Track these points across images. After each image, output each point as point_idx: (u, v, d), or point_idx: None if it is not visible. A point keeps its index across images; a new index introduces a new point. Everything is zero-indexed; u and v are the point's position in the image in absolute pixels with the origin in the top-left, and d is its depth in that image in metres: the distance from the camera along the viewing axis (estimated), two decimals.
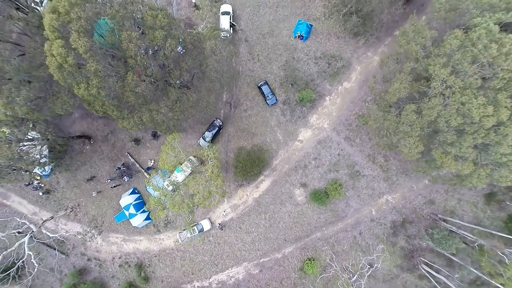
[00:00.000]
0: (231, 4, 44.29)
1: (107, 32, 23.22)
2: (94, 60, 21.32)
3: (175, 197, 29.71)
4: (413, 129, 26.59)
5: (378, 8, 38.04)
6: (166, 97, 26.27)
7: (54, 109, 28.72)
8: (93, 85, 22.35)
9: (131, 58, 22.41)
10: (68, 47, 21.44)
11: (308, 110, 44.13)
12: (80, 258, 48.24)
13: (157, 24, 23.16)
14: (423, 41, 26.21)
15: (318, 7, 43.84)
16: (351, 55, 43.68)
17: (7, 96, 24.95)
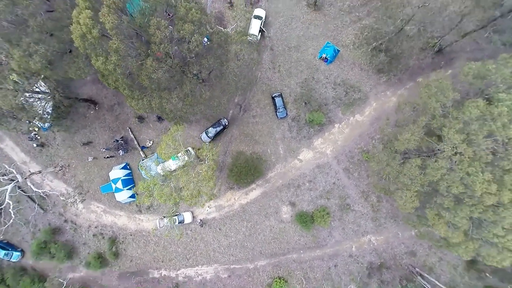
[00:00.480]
0: (266, 10, 44.17)
1: (138, 13, 23.12)
2: (118, 38, 21.26)
3: (164, 188, 29.67)
4: (413, 183, 26.49)
5: (408, 52, 37.88)
6: (180, 88, 26.20)
7: (68, 72, 28.63)
8: (111, 61, 22.31)
9: (154, 44, 22.34)
10: (96, 20, 21.38)
11: (315, 132, 44.00)
12: (57, 217, 48.29)
13: (188, 17, 23.07)
14: (444, 100, 26.06)
15: (350, 34, 43.67)
16: (369, 90, 43.52)
17: (25, 50, 24.87)
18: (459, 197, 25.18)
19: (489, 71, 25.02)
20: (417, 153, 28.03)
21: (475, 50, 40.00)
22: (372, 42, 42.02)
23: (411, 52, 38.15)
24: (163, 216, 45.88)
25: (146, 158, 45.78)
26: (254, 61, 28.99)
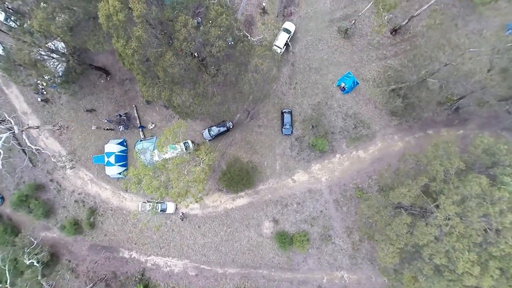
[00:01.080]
0: (296, 25, 43.85)
1: (168, 6, 22.89)
2: (143, 27, 21.07)
3: (153, 181, 29.57)
4: (399, 240, 26.29)
5: (425, 103, 37.60)
6: (193, 86, 26.04)
7: (87, 42, 28.45)
8: (131, 46, 22.14)
9: (177, 40, 22.15)
10: (125, 3, 21.18)
11: (315, 157, 43.83)
12: (44, 175, 48.37)
13: (217, 21, 22.86)
14: (449, 166, 25.82)
15: (372, 70, 43.38)
16: (378, 130, 43.27)
17: (49, 13, 24.63)
18: (440, 268, 24.97)
19: (500, 150, 24.79)
20: (410, 209, 27.83)
21: (491, 118, 39.66)
22: (392, 84, 41.73)
23: (428, 103, 37.85)
24: (146, 200, 45.86)
25: (144, 140, 45.69)
26: (272, 77, 28.74)
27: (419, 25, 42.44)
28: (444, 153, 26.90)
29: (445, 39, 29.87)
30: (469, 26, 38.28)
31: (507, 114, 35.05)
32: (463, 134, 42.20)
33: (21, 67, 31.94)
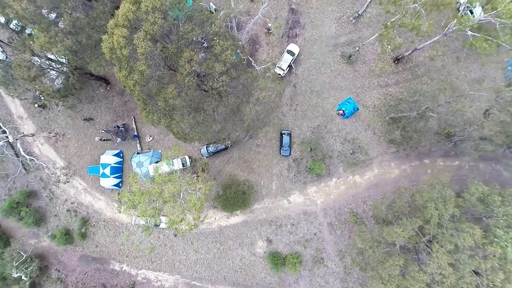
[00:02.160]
0: (300, 47, 43.95)
1: (174, 41, 22.66)
2: (146, 63, 20.86)
3: (148, 208, 29.33)
4: (390, 281, 26.59)
5: (422, 133, 38.05)
6: (193, 114, 25.92)
7: (88, 64, 28.03)
8: (133, 77, 21.91)
9: (181, 74, 22.00)
10: (130, 40, 20.92)
11: (312, 179, 44.02)
12: (37, 182, 47.64)
13: (222, 56, 22.77)
14: (444, 211, 26.22)
15: (373, 97, 43.73)
16: (376, 156, 43.65)
17: (51, 37, 24.17)
18: None
19: (494, 201, 25.23)
20: (404, 248, 28.14)
21: (489, 153, 40.28)
22: (392, 112, 42.17)
23: (426, 136, 38.31)
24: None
25: (141, 153, 45.33)
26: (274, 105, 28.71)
27: (421, 55, 42.88)
28: (440, 195, 27.26)
29: (447, 82, 30.25)
30: (471, 75, 38.91)
31: (503, 158, 35.59)
32: (459, 166, 42.88)
33: (19, 81, 31.39)
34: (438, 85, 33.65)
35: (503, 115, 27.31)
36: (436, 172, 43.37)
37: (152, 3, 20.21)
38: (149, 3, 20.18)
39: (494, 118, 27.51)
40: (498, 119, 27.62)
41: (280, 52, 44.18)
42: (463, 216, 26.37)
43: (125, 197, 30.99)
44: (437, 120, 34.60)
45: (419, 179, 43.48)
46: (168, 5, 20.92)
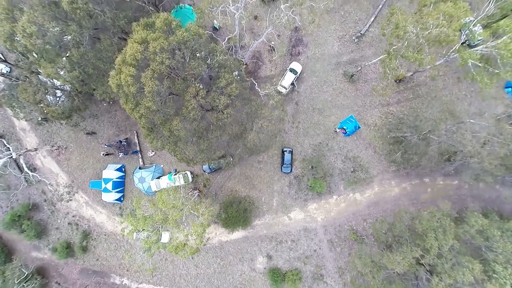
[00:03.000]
0: (303, 65, 44.30)
1: (180, 77, 22.95)
2: (153, 99, 21.13)
3: (152, 237, 29.63)
4: None
5: (423, 156, 38.40)
6: (196, 143, 26.23)
7: (94, 90, 28.26)
8: (139, 111, 22.19)
9: (186, 108, 22.29)
10: (137, 78, 21.14)
11: (312, 196, 44.34)
12: (38, 194, 47.84)
13: (227, 89, 23.07)
14: (443, 242, 26.49)
15: (374, 116, 44.08)
16: (376, 174, 44.00)
17: (58, 68, 24.26)
18: None
19: (493, 235, 25.56)
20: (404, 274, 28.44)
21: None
22: (393, 131, 42.53)
23: (426, 156, 38.64)
24: (142, 228, 45.66)
25: (143, 168, 45.53)
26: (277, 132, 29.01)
27: (423, 75, 43.27)
28: (439, 225, 27.57)
29: (448, 105, 30.65)
30: (472, 107, 39.42)
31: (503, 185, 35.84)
32: (458, 185, 43.28)
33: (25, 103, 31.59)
34: (439, 107, 34.01)
35: (504, 149, 27.69)
36: (436, 191, 43.79)
37: (160, 45, 20.49)
38: (157, 44, 20.46)
39: (494, 152, 27.89)
40: (498, 154, 28.00)
41: (282, 70, 44.51)
42: (463, 246, 26.69)
43: (129, 221, 31.21)
44: (438, 144, 34.95)
45: (419, 197, 43.89)
46: (176, 44, 21.19)
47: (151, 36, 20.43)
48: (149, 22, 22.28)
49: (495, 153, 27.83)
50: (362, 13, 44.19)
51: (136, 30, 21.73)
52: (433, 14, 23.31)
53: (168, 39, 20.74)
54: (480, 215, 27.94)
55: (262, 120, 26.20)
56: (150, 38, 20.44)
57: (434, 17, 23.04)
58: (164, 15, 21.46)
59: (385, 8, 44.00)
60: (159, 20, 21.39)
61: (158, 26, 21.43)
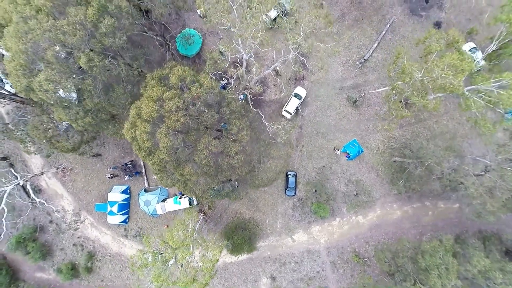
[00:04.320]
0: (307, 89, 44.87)
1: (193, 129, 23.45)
2: (167, 153, 21.58)
3: (161, 274, 30.14)
4: None
5: (425, 183, 39.23)
6: (205, 182, 26.73)
7: (105, 130, 28.63)
8: (152, 159, 22.64)
9: (198, 157, 22.77)
10: (152, 134, 21.57)
11: (316, 219, 45.04)
12: (44, 215, 48.04)
13: (238, 136, 23.58)
14: (446, 282, 27.16)
15: (377, 140, 44.82)
16: (379, 197, 44.77)
17: (71, 115, 24.36)
18: None
19: (495, 278, 26.34)
20: None
21: None
22: (396, 155, 43.36)
23: (428, 184, 39.49)
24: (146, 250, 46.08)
25: (148, 191, 45.90)
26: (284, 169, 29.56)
27: None
28: (442, 262, 28.30)
29: (451, 150, 31.37)
30: (472, 148, 40.23)
31: None
32: (459, 208, 44.13)
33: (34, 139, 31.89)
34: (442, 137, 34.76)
35: (506, 194, 28.53)
36: (437, 214, 44.70)
37: (175, 104, 20.93)
38: (172, 104, 20.89)
39: (497, 196, 28.77)
40: (500, 198, 28.84)
41: (287, 94, 45.03)
42: (466, 284, 27.48)
43: (139, 258, 31.68)
44: (440, 178, 35.81)
45: (420, 220, 44.77)
46: (190, 101, 21.66)
47: (166, 95, 20.90)
48: (163, 74, 22.74)
49: (498, 197, 28.67)
50: (366, 39, 44.85)
51: (150, 83, 22.16)
52: (439, 64, 23.97)
53: (182, 96, 21.21)
54: (482, 255, 28.69)
55: (271, 160, 26.79)
56: (165, 97, 20.91)
57: (440, 67, 23.72)
58: (179, 71, 21.91)
59: (388, 34, 44.74)
60: (174, 77, 21.86)
61: (173, 82, 21.89)
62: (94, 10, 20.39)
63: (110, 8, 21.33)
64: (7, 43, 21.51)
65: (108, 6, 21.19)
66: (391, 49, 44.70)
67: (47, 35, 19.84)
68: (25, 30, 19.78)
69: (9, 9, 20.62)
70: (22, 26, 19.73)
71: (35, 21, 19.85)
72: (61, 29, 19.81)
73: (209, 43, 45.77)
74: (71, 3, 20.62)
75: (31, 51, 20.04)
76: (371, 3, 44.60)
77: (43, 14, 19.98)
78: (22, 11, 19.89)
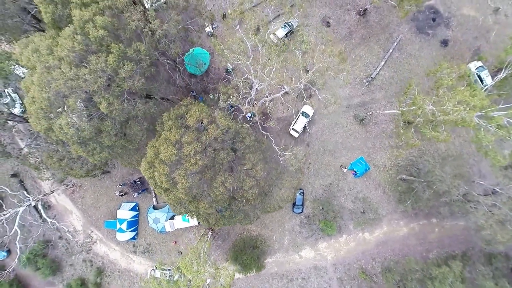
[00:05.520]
0: (314, 108, 45.10)
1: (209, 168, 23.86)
2: (185, 192, 21.93)
3: None
4: None
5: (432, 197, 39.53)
6: (218, 211, 27.16)
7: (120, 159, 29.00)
8: (169, 195, 23.07)
9: (214, 193, 23.16)
10: (170, 177, 21.90)
11: (323, 236, 45.45)
12: (53, 231, 48.52)
13: (252, 172, 23.92)
14: None
15: (384, 157, 45.10)
16: (385, 214, 45.13)
17: (88, 151, 24.59)
18: None
19: None
20: None
21: None
22: (402, 173, 43.70)
23: (436, 202, 39.83)
24: (155, 267, 46.63)
25: (156, 209, 46.30)
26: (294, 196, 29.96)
27: None
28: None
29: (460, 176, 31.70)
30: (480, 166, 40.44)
31: None
32: (465, 226, 44.43)
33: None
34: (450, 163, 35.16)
35: None
36: (443, 231, 45.06)
37: (194, 149, 21.29)
38: (191, 148, 21.25)
39: (508, 228, 29.11)
40: (511, 231, 29.20)
41: (295, 112, 45.25)
42: None
43: (152, 285, 32.21)
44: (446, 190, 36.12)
45: (426, 237, 45.13)
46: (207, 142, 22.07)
47: (185, 139, 21.23)
48: (179, 113, 23.08)
49: (508, 230, 29.00)
50: (373, 57, 45.02)
51: (167, 123, 22.52)
52: (451, 100, 24.23)
53: (200, 139, 21.56)
54: (492, 285, 29.09)
55: (284, 189, 27.19)
56: (184, 141, 21.24)
57: (452, 103, 23.99)
58: (196, 112, 22.16)
59: (395, 52, 44.90)
60: (192, 119, 22.19)
61: (190, 124, 22.24)
62: (114, 57, 20.70)
63: (129, 52, 21.67)
64: (29, 89, 21.57)
65: (128, 51, 21.52)
66: (398, 67, 44.91)
67: (70, 84, 20.20)
68: (48, 80, 20.12)
69: (32, 59, 20.95)
70: (45, 76, 20.08)
71: (58, 71, 20.17)
72: (83, 77, 20.15)
73: (216, 61, 46.04)
74: (91, 51, 20.93)
75: (53, 98, 20.37)
76: (378, 21, 44.72)
77: (65, 63, 20.30)
78: (45, 61, 20.23)
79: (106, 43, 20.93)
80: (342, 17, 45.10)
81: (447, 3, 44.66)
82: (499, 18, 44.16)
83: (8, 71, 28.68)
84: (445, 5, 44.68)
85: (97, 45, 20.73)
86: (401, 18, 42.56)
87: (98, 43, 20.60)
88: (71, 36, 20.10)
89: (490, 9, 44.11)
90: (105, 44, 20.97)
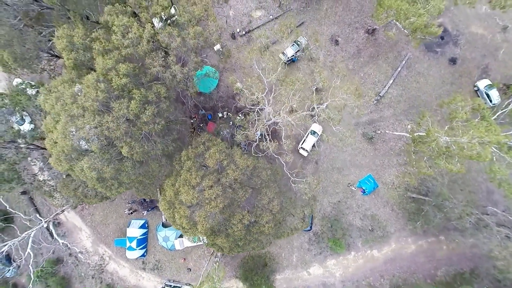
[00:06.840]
0: (323, 126, 45.22)
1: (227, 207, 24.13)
2: (205, 232, 22.21)
3: None
4: None
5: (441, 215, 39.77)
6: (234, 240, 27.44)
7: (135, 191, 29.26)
8: (187, 232, 23.35)
9: (231, 230, 23.45)
10: (191, 218, 22.15)
11: (331, 253, 45.71)
12: (63, 249, 48.74)
13: (269, 206, 24.16)
14: None
15: (392, 175, 45.29)
16: (394, 232, 45.38)
17: (106, 187, 24.81)
18: None
19: None
20: None
21: None
22: (411, 190, 43.91)
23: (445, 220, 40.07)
24: (165, 284, 46.98)
25: (166, 227, 46.54)
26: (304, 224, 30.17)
27: None
28: None
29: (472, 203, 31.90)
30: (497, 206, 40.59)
31: None
32: (473, 243, 44.67)
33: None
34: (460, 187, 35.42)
35: None
36: (451, 248, 45.29)
37: (215, 193, 21.49)
38: (212, 192, 21.46)
39: None
40: None
41: (303, 130, 45.34)
42: None
43: None
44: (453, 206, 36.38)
45: (435, 254, 45.39)
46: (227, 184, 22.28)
47: (206, 183, 21.47)
48: (198, 152, 23.26)
49: None
50: (381, 75, 45.11)
51: (186, 163, 22.72)
52: (466, 135, 24.38)
53: (220, 181, 21.80)
54: None
55: (297, 220, 27.39)
56: (205, 185, 21.49)
57: (468, 138, 24.16)
58: (215, 154, 22.32)
59: (404, 70, 44.98)
60: (211, 161, 22.40)
61: (210, 166, 22.46)
62: (136, 103, 20.87)
63: (150, 96, 21.81)
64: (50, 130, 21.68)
65: (148, 95, 21.66)
66: (406, 85, 45.01)
67: (93, 132, 20.39)
68: (72, 129, 20.33)
69: (56, 107, 21.08)
70: (70, 125, 20.30)
71: (82, 119, 20.36)
72: (106, 125, 20.33)
73: (225, 80, 46.11)
74: (113, 96, 21.10)
75: (76, 144, 20.58)
76: (387, 39, 44.74)
77: (89, 112, 20.50)
78: (69, 110, 20.40)
79: (128, 89, 21.08)
80: (350, 35, 45.16)
81: (455, 21, 44.68)
82: (507, 36, 44.22)
83: (25, 104, 28.90)
84: (454, 23, 44.71)
85: (119, 91, 20.89)
86: (414, 48, 42.48)
87: (120, 89, 20.75)
88: (94, 84, 20.29)
89: (499, 27, 44.17)
90: (127, 90, 21.13)
